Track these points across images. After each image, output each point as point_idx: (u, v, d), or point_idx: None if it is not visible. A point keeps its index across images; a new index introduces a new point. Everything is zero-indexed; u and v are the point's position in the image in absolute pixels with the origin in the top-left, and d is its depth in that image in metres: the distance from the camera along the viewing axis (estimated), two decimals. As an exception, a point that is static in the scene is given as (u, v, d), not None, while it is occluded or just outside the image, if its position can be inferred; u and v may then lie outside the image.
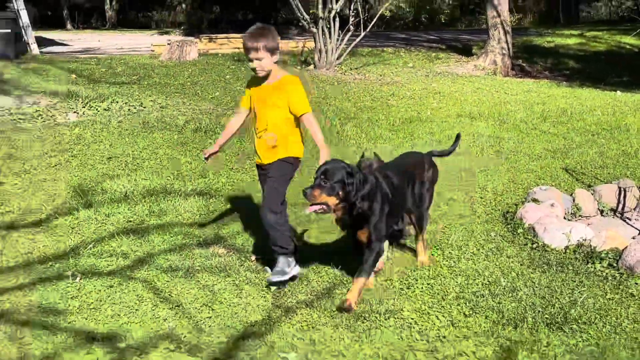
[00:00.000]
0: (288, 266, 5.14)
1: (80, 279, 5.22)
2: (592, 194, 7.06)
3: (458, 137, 6.15)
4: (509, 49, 20.10)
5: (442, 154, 6.06)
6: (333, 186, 4.69)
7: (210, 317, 4.78)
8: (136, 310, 4.81)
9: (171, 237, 6.01)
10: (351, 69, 16.77)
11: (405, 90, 14.04)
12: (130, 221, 6.35)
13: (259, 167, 5.34)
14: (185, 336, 4.51)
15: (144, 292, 5.04)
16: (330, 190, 4.69)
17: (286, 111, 5.05)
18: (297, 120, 5.13)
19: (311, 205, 4.70)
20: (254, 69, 5.03)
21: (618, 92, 15.59)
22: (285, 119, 5.08)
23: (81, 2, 37.05)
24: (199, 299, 5.02)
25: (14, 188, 7.08)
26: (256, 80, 5.19)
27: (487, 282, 5.33)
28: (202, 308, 4.89)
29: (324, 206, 4.72)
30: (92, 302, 4.89)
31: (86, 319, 4.66)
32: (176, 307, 4.85)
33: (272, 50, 4.97)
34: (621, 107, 12.95)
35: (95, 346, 4.34)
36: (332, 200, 4.71)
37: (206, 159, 5.27)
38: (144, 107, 11.04)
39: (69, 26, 34.17)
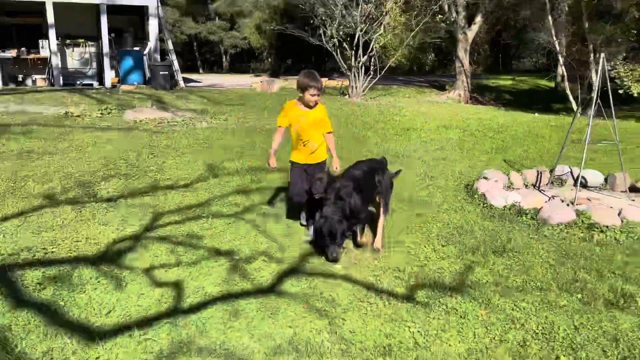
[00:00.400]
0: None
1: (209, 218, 5.28)
2: (521, 175, 6.96)
3: (399, 171, 5.35)
4: (468, 86, 19.77)
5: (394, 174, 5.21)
6: (341, 235, 4.31)
7: (289, 242, 4.81)
8: (244, 237, 4.88)
9: (265, 196, 6.05)
10: (371, 98, 16.63)
11: (404, 111, 13.87)
12: (240, 186, 6.40)
13: (297, 164, 4.96)
14: (274, 253, 4.56)
15: (248, 226, 5.10)
16: (341, 239, 4.33)
17: (319, 128, 4.87)
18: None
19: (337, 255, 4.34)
20: (315, 102, 4.75)
21: (536, 114, 15.23)
22: (321, 134, 4.90)
23: (208, 57, 37.35)
24: (282, 231, 5.06)
25: (172, 165, 7.19)
26: (299, 108, 4.83)
27: (456, 227, 5.32)
28: (284, 236, 4.94)
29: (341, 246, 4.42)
30: (218, 232, 4.98)
31: (214, 241, 4.74)
32: (268, 236, 4.91)
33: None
34: (538, 123, 12.67)
35: (220, 257, 4.40)
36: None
37: (271, 168, 5.03)
38: (247, 119, 11.10)
39: (200, 70, 34.38)
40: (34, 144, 8.05)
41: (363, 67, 16.99)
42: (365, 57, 16.86)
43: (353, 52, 16.80)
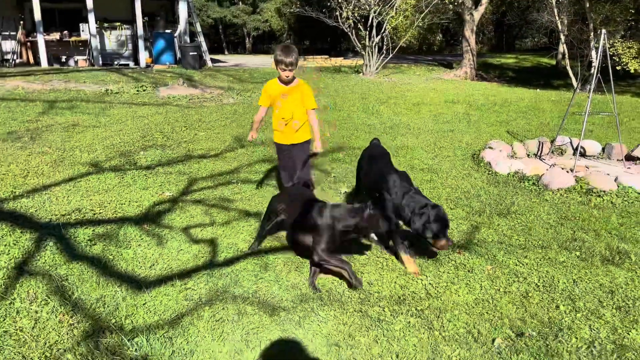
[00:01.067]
0: None
1: (239, 183, 5.32)
2: (523, 145, 6.88)
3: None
4: (474, 64, 19.35)
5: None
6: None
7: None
8: (267, 200, 4.89)
9: None
10: (383, 76, 16.42)
11: (414, 87, 13.71)
12: (265, 155, 6.42)
13: (283, 147, 4.44)
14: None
15: (273, 190, 5.13)
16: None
17: (302, 105, 4.26)
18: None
19: None
20: (287, 77, 4.13)
21: (538, 90, 14.94)
22: (304, 111, 4.28)
23: (232, 39, 37.04)
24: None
25: (203, 137, 7.23)
26: (279, 85, 4.23)
27: (463, 191, 5.30)
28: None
29: None
30: (247, 196, 5.03)
31: (244, 204, 4.79)
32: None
33: (297, 64, 4.10)
34: (540, 98, 12.44)
35: (249, 218, 4.45)
36: None
37: (250, 140, 4.54)
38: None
39: (225, 52, 34.18)
40: (79, 118, 8.14)
41: (376, 47, 16.76)
42: (378, 37, 16.60)
43: (367, 32, 16.55)
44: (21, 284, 3.25)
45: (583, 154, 6.58)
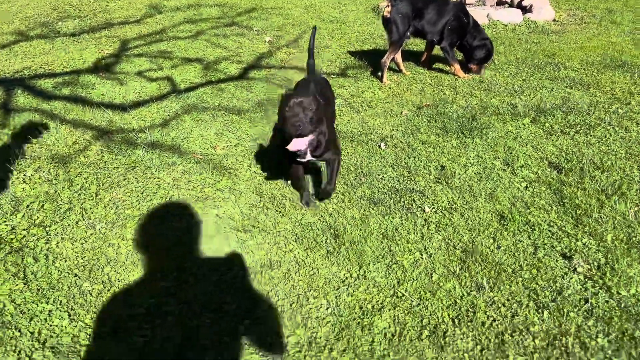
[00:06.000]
0: None
1: (172, 40, 5.90)
2: None
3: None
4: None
5: None
6: None
7: (243, 50, 5.65)
8: (205, 50, 5.63)
9: (210, 24, 6.62)
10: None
11: None
12: (186, 19, 6.90)
13: None
14: (234, 57, 5.42)
15: (206, 43, 5.82)
16: None
17: None
18: None
19: None
20: None
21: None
22: None
23: None
24: (235, 44, 5.84)
25: (116, 7, 7.40)
26: None
27: (368, 34, 6.36)
28: (238, 48, 5.75)
29: None
30: (182, 48, 5.68)
31: (183, 54, 5.47)
32: (224, 48, 5.70)
33: None
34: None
35: (193, 62, 5.19)
36: None
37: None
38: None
39: None
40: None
41: None
42: None
43: None
44: (13, 118, 3.91)
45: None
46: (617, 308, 2.21)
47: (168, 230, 2.75)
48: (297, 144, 2.52)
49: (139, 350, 2.07)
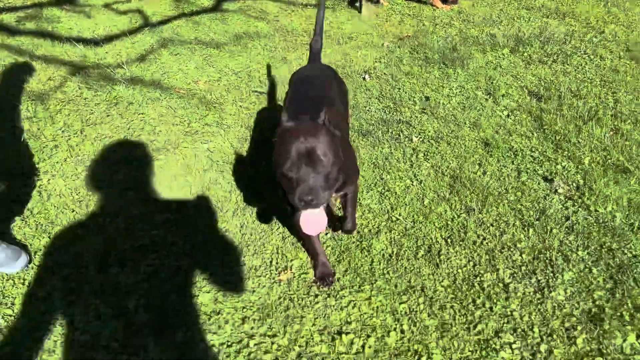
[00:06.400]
0: None
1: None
2: None
3: None
4: None
5: None
6: None
7: None
8: None
9: None
10: None
11: None
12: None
13: None
14: None
15: None
16: None
17: None
18: None
19: None
20: None
21: None
22: None
23: None
24: None
25: None
26: None
27: None
28: None
29: None
30: None
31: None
32: None
33: None
34: None
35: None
36: None
37: None
38: None
39: None
40: None
41: None
42: None
43: None
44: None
45: None
46: (595, 224, 2.38)
47: (159, 168, 2.75)
48: (312, 224, 1.69)
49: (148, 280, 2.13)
